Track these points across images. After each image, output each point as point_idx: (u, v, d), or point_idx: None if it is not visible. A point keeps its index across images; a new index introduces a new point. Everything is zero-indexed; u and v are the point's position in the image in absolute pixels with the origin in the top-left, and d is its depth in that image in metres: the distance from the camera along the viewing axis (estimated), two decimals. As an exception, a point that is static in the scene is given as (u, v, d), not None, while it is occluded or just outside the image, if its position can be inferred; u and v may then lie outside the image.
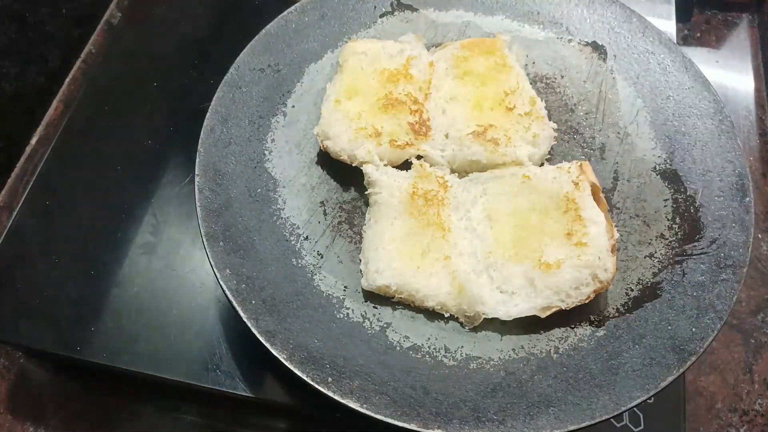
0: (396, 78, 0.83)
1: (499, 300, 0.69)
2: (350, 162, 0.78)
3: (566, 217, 0.70)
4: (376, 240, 0.72)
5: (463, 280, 0.68)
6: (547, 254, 0.68)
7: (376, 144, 0.78)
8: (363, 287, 0.71)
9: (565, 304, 0.67)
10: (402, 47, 0.87)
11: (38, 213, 0.90)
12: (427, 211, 0.73)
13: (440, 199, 0.74)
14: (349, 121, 0.79)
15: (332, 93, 0.83)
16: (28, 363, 0.88)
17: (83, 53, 1.16)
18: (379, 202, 0.74)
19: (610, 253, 0.68)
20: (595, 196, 0.72)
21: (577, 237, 0.69)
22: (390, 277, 0.69)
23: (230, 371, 0.76)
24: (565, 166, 0.74)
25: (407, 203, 0.73)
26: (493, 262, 0.70)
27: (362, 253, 0.73)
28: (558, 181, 0.73)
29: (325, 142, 0.79)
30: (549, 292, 0.67)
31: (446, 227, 0.72)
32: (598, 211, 0.71)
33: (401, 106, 0.81)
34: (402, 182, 0.75)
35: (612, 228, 0.70)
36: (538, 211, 0.72)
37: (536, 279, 0.68)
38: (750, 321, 0.90)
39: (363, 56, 0.85)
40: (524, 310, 0.68)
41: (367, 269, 0.71)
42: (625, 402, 0.61)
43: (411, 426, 0.59)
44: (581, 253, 0.68)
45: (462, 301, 0.68)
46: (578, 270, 0.67)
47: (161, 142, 0.96)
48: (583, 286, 0.67)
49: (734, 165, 0.76)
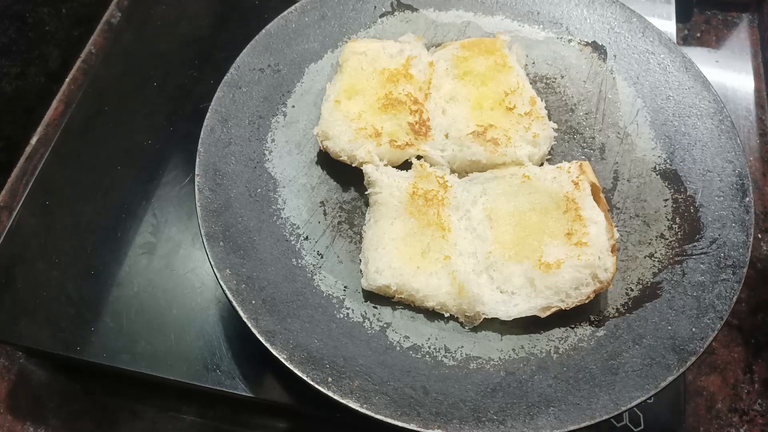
0: (396, 78, 0.83)
1: (499, 300, 0.69)
2: (350, 162, 0.78)
3: (566, 217, 0.70)
4: (376, 240, 0.72)
5: (463, 280, 0.68)
6: (547, 254, 0.69)
7: (376, 144, 0.78)
8: (363, 287, 0.71)
9: (565, 304, 0.67)
10: (402, 47, 0.87)
11: (38, 213, 0.90)
12: (427, 211, 0.73)
13: (440, 199, 0.74)
14: (349, 122, 0.79)
15: (332, 93, 0.83)
16: (28, 363, 0.87)
17: (83, 53, 1.16)
18: (379, 202, 0.74)
19: (611, 253, 0.68)
20: (595, 196, 0.72)
21: (577, 237, 0.69)
22: (390, 277, 0.69)
23: (230, 371, 0.76)
24: (565, 166, 0.74)
25: (407, 203, 0.73)
26: (493, 262, 0.70)
27: (362, 253, 0.74)
28: (558, 180, 0.73)
29: (324, 143, 0.79)
30: (549, 292, 0.67)
31: (446, 227, 0.72)
32: (598, 211, 0.71)
33: (401, 106, 0.81)
34: (402, 182, 0.75)
35: (612, 228, 0.71)
36: (538, 211, 0.72)
37: (536, 279, 0.68)
38: (750, 321, 0.90)
39: (363, 56, 0.85)
40: (524, 310, 0.68)
41: (367, 269, 0.71)
42: (625, 402, 0.61)
43: (411, 426, 0.59)
44: (581, 253, 0.68)
45: (462, 301, 0.68)
46: (578, 270, 0.67)
47: (161, 142, 0.96)
48: (583, 286, 0.67)
49: (734, 165, 0.76)
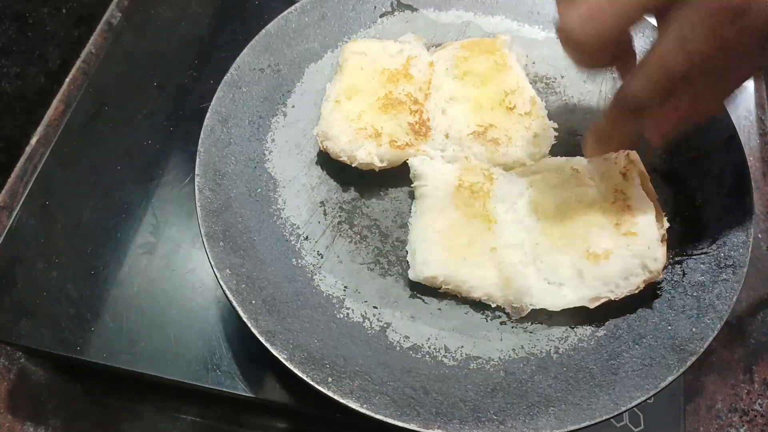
0: (396, 78, 0.83)
1: (546, 291, 0.68)
2: (350, 162, 0.78)
3: (614, 208, 0.69)
4: (423, 231, 0.72)
5: (510, 272, 0.68)
6: (595, 245, 0.68)
7: (377, 145, 0.78)
8: (410, 278, 0.71)
9: (614, 294, 0.67)
10: (402, 47, 0.87)
11: (38, 213, 0.90)
12: (473, 203, 0.73)
13: (486, 192, 0.74)
14: (349, 122, 0.79)
15: (332, 93, 0.83)
16: (28, 363, 0.88)
17: (83, 53, 1.16)
18: (425, 195, 0.74)
19: (660, 243, 0.68)
20: (644, 185, 0.71)
21: (626, 227, 0.68)
22: (437, 269, 0.69)
23: (230, 371, 0.76)
24: (612, 157, 0.73)
25: (453, 195, 0.73)
26: (540, 254, 0.70)
27: (408, 245, 0.74)
28: (606, 173, 0.72)
29: (324, 143, 0.79)
30: (597, 282, 0.67)
31: (492, 219, 0.72)
32: (647, 201, 0.70)
33: (401, 106, 0.81)
34: (448, 175, 0.75)
35: (662, 217, 0.69)
36: (585, 203, 0.71)
37: (584, 270, 0.67)
38: (750, 321, 0.90)
39: (363, 56, 0.85)
40: (573, 300, 0.67)
41: (414, 261, 0.71)
42: (625, 402, 0.61)
43: (411, 426, 0.59)
44: (630, 243, 0.67)
45: (509, 292, 0.68)
46: (627, 260, 0.66)
47: (161, 142, 0.96)
48: (633, 276, 0.66)
49: (734, 165, 0.76)
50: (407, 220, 0.77)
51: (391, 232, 0.77)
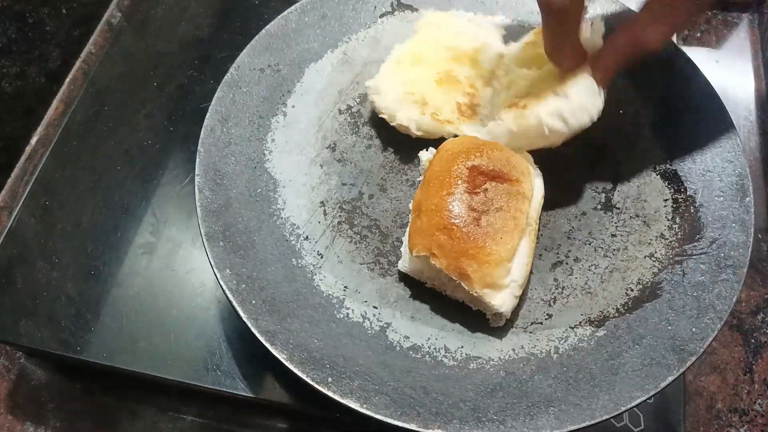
0: (462, 59, 0.84)
1: None
2: (390, 122, 0.80)
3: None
4: None
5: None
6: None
7: (420, 113, 0.79)
8: (399, 269, 0.73)
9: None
10: (478, 31, 0.87)
11: (38, 213, 0.90)
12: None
13: None
14: (402, 83, 0.81)
15: (396, 55, 0.84)
16: (28, 363, 0.88)
17: (83, 53, 1.16)
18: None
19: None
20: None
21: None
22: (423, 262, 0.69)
23: (230, 371, 0.76)
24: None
25: None
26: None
27: (405, 236, 0.74)
28: None
29: (373, 96, 0.81)
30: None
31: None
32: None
33: (457, 85, 0.82)
34: None
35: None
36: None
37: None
38: (750, 321, 0.90)
39: (436, 28, 0.86)
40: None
41: (405, 251, 0.72)
42: (625, 402, 0.61)
43: (411, 426, 0.59)
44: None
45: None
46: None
47: (161, 142, 0.96)
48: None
49: (734, 165, 0.76)
50: (407, 220, 0.77)
51: (391, 232, 0.77)
